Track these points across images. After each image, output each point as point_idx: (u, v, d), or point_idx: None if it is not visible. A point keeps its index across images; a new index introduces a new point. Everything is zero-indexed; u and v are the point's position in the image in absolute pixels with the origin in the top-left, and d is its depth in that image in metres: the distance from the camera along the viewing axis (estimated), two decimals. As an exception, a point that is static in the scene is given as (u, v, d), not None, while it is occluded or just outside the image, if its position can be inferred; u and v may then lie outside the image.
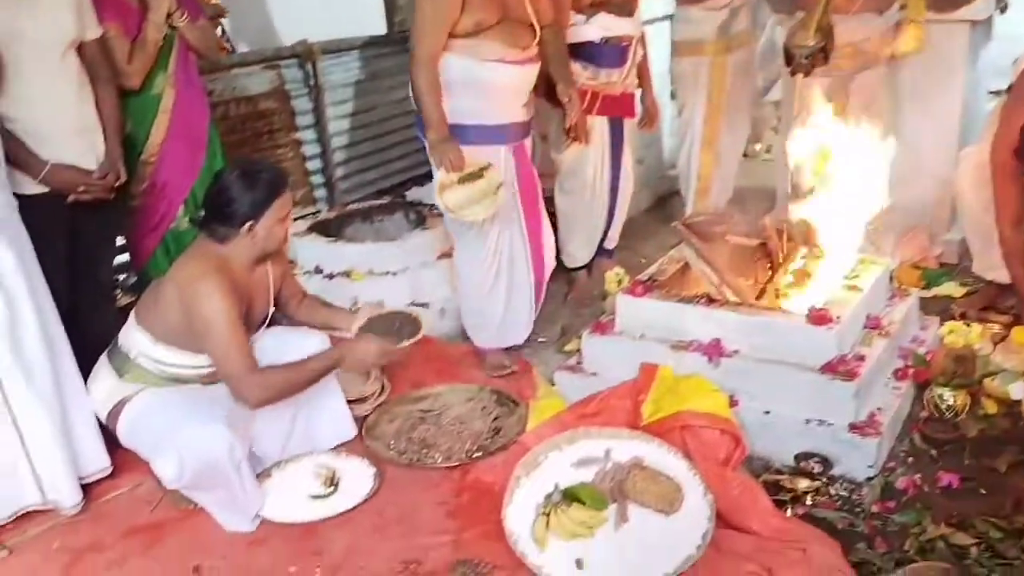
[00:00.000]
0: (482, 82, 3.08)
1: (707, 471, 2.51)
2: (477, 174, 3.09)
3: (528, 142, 3.41)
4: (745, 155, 5.35)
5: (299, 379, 2.62)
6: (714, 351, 2.89)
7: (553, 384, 3.27)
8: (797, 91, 3.83)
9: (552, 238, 3.61)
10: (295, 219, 3.53)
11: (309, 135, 4.63)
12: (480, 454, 2.88)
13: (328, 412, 2.97)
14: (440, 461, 2.86)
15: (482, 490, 2.69)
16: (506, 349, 3.50)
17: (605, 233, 4.20)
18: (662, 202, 5.54)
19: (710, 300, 3.03)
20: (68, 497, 2.73)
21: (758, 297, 3.10)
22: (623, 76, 3.91)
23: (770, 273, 3.27)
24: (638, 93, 4.12)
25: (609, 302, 3.32)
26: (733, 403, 2.80)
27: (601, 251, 4.24)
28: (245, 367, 2.52)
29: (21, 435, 2.63)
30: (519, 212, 3.35)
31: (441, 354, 3.68)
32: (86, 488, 2.80)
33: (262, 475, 2.80)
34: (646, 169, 5.26)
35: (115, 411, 2.66)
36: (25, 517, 2.71)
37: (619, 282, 3.33)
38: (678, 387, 2.81)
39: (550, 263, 3.59)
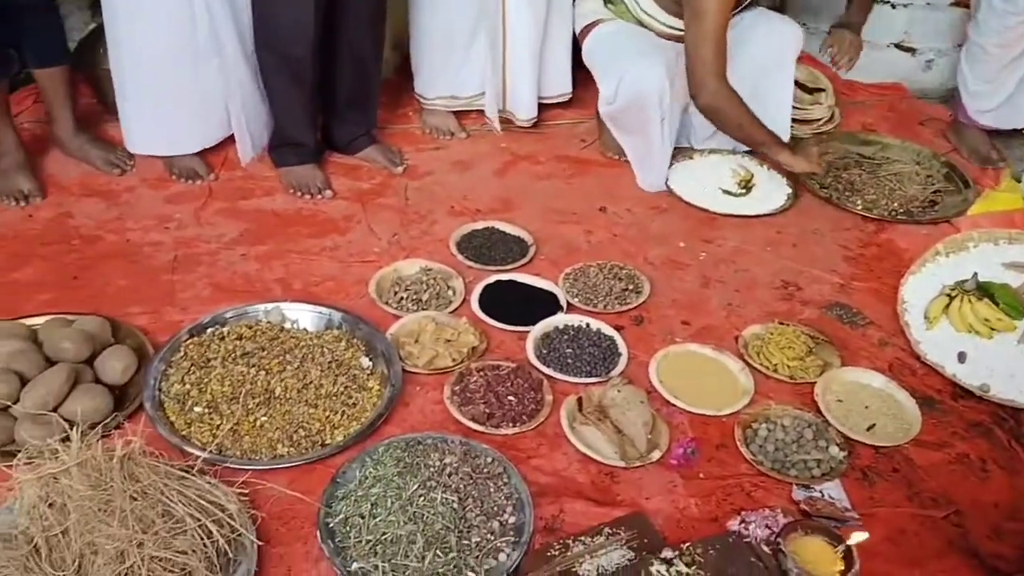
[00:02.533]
0: None
1: None
2: None
3: None
4: None
5: (748, 125, 2.65)
6: None
7: (1020, 182, 2.87)
8: None
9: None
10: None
11: None
12: (905, 218, 2.69)
13: None
14: (860, 208, 2.73)
15: (890, 251, 2.55)
16: (986, 132, 3.07)
17: None
18: None
19: None
20: (525, 111, 3.07)
21: None
22: None
23: None
24: None
25: None
26: None
27: None
28: (715, 71, 2.56)
29: (504, 44, 2.94)
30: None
31: (908, 108, 3.38)
32: (542, 109, 3.13)
33: (683, 153, 2.91)
34: None
35: (587, 29, 2.87)
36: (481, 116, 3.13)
37: None
38: None
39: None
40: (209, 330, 2.05)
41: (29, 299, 2.17)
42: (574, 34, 2.98)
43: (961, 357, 2.13)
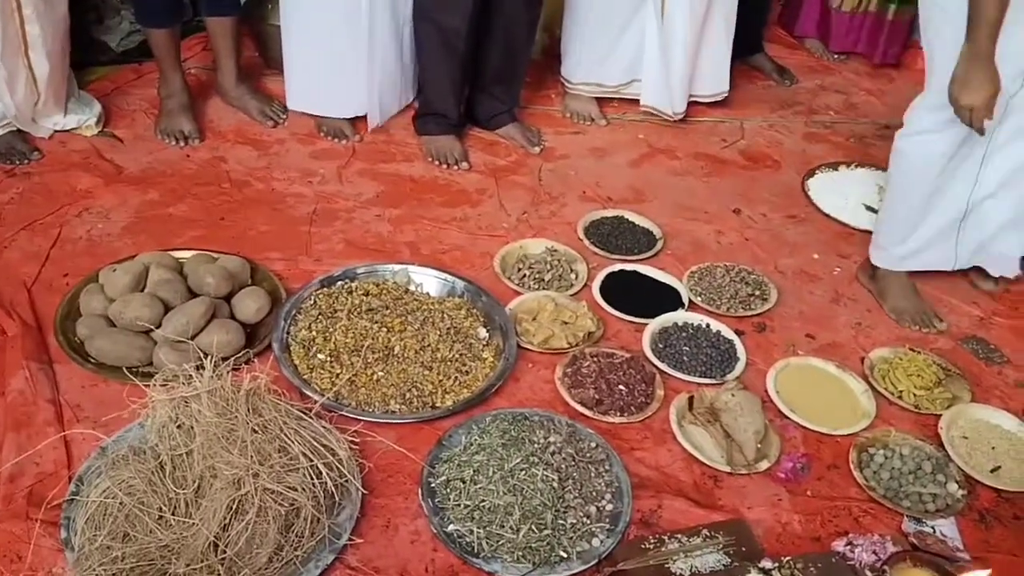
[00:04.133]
0: None
1: None
2: None
3: None
4: None
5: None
6: None
7: None
8: None
9: None
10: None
11: None
12: None
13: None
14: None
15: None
16: None
17: None
18: None
19: None
20: (676, 104, 3.02)
21: None
22: None
23: None
24: None
25: None
26: None
27: None
28: None
29: (662, 34, 2.90)
30: None
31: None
32: (690, 105, 3.08)
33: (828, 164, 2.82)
34: None
35: None
36: (629, 104, 3.10)
37: None
38: None
39: None
40: (339, 283, 2.13)
41: (180, 234, 2.31)
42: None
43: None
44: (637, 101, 3.07)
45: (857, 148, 3.06)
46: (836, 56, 3.64)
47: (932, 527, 1.69)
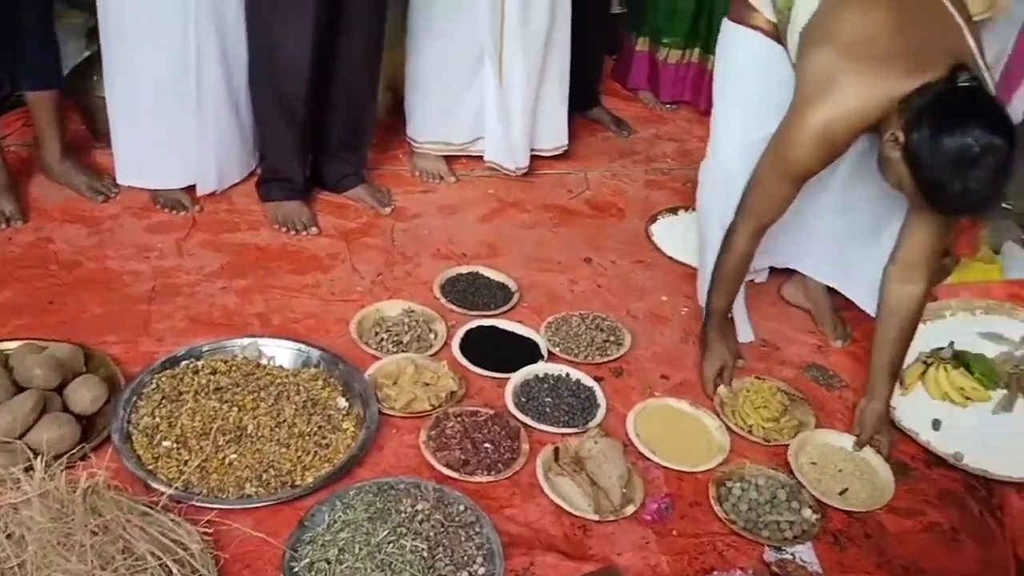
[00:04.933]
0: None
1: None
2: None
3: None
4: None
5: (715, 287, 2.19)
6: None
7: (997, 253, 2.91)
8: None
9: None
10: None
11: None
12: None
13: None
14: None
15: (868, 316, 2.56)
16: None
17: None
18: None
19: None
20: (518, 160, 3.08)
21: None
22: None
23: None
24: None
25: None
26: None
27: None
28: (758, 222, 2.06)
29: (500, 93, 2.96)
30: None
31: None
32: (533, 159, 3.15)
33: (668, 209, 2.94)
34: None
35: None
36: (477, 160, 3.14)
37: None
38: None
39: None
40: (183, 363, 2.02)
41: (3, 323, 2.14)
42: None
43: (935, 425, 2.14)
44: (483, 157, 3.12)
45: (693, 193, 3.18)
46: (667, 106, 3.83)
47: (792, 554, 1.76)
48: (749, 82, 2.15)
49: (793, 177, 1.96)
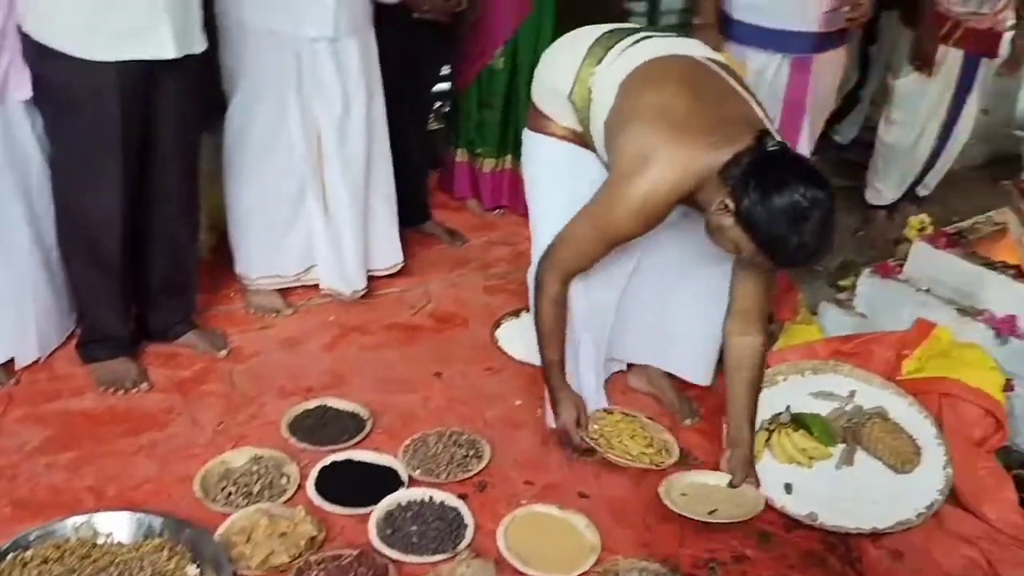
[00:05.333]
0: None
1: (956, 445, 2.33)
2: None
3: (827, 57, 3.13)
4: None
5: (542, 341, 2.26)
6: (1006, 327, 2.60)
7: (815, 314, 3.13)
8: None
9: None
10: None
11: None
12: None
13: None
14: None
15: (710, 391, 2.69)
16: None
17: (920, 177, 3.86)
18: (997, 163, 4.90)
19: (1020, 273, 2.71)
20: (354, 283, 3.06)
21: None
22: (996, 8, 3.46)
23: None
24: (1008, 34, 3.63)
25: (902, 248, 3.08)
26: (1008, 387, 2.53)
27: (910, 195, 3.91)
28: (565, 272, 2.16)
29: (327, 221, 2.95)
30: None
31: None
32: (371, 280, 3.14)
33: (510, 312, 2.99)
34: (989, 122, 4.67)
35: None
36: (314, 288, 3.09)
37: (921, 229, 3.06)
38: (951, 353, 2.58)
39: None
40: (9, 556, 1.82)
41: None
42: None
43: (788, 488, 2.23)
44: (318, 286, 3.08)
45: (531, 293, 3.29)
46: (494, 212, 3.93)
47: (676, 645, 1.76)
48: (557, 188, 2.26)
49: (609, 243, 2.09)
